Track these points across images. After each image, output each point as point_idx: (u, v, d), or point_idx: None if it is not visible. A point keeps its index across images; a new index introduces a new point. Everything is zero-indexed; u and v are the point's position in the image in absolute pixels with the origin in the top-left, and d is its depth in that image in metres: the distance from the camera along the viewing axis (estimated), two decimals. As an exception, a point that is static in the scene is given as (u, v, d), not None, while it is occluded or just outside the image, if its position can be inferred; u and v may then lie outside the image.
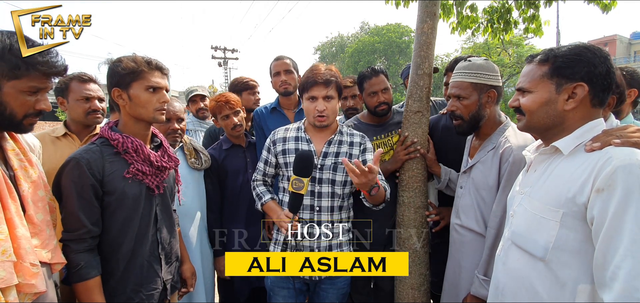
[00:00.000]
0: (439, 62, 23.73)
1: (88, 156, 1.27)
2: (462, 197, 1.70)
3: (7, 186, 0.99)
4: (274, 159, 1.76)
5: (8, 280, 0.92)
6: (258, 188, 1.81)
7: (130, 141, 1.34)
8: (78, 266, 1.23)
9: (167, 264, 1.49)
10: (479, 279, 1.52)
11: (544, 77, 1.05)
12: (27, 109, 1.04)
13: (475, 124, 1.63)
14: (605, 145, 0.94)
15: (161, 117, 1.39)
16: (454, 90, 1.64)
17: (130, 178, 1.33)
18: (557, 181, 1.01)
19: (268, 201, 1.74)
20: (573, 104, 1.01)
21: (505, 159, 1.51)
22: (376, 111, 2.06)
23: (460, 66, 1.66)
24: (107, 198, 1.30)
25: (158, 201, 1.45)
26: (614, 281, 0.84)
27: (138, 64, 1.33)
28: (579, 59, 1.01)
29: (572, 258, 0.96)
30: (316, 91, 1.64)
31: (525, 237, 1.07)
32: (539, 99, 1.06)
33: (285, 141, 1.73)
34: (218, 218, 2.10)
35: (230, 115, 2.10)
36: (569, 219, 0.95)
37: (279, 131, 1.78)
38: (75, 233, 1.25)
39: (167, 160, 1.47)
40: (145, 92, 1.33)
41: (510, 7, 3.22)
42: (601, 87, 1.00)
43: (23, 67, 0.99)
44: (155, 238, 1.43)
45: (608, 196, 0.86)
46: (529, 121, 1.11)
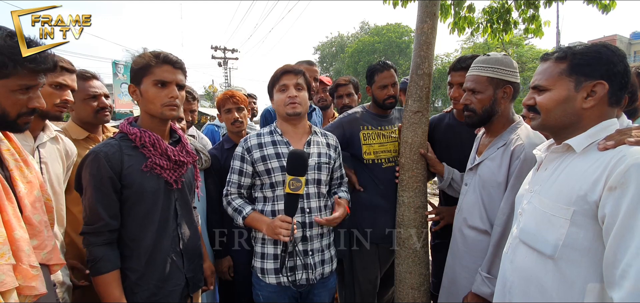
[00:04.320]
0: (439, 62, 23.77)
1: (107, 150, 1.28)
2: (466, 194, 1.68)
3: (3, 187, 0.97)
4: (251, 168, 1.67)
5: (8, 283, 0.91)
6: (234, 202, 1.68)
7: (148, 135, 1.34)
8: (96, 259, 1.24)
9: (189, 260, 1.48)
10: (482, 276, 1.49)
11: (562, 75, 1.04)
12: (20, 108, 1.02)
13: (487, 118, 1.59)
14: (619, 144, 0.93)
15: (170, 113, 1.36)
16: (469, 84, 1.61)
17: (148, 172, 1.33)
18: (568, 179, 1.00)
19: (250, 212, 1.63)
20: (592, 102, 1.00)
21: (517, 156, 1.48)
22: (384, 103, 2.14)
23: (478, 60, 1.62)
24: (125, 191, 1.30)
25: (177, 196, 1.44)
26: (624, 279, 0.83)
27: (146, 59, 1.32)
28: (599, 56, 1.00)
29: (581, 256, 0.95)
30: (286, 79, 1.66)
31: (535, 235, 1.06)
32: (557, 96, 1.04)
33: (262, 147, 1.66)
34: (219, 219, 2.10)
35: (233, 109, 2.13)
36: (579, 217, 0.95)
37: (251, 139, 1.70)
38: (94, 226, 1.26)
39: (185, 155, 1.46)
40: (154, 87, 1.32)
41: (510, 8, 3.23)
42: (619, 86, 0.99)
43: (10, 65, 0.96)
44: (176, 234, 1.42)
45: (621, 195, 0.85)
46: (545, 120, 1.08)
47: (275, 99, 1.70)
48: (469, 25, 3.32)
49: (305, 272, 1.62)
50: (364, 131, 2.13)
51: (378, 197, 2.10)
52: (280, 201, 1.62)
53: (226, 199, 1.72)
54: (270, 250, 1.64)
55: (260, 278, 1.65)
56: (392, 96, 2.13)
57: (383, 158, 2.13)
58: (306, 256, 1.63)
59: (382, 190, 2.10)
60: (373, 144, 2.14)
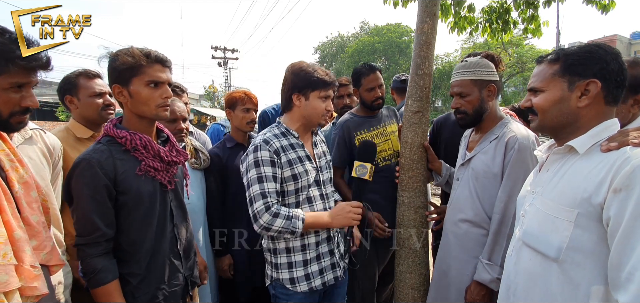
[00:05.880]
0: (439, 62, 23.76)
1: (98, 156, 1.22)
2: (458, 189, 1.74)
3: (1, 188, 0.96)
4: (280, 172, 1.52)
5: (11, 284, 0.90)
6: (283, 211, 1.47)
7: (138, 137, 1.29)
8: (95, 271, 1.20)
9: (186, 259, 1.48)
10: (483, 264, 1.54)
11: (556, 76, 1.05)
12: (12, 107, 1.00)
13: (478, 117, 1.68)
14: (623, 145, 0.92)
15: (164, 113, 1.33)
16: (456, 89, 1.70)
17: (143, 175, 1.30)
18: (571, 181, 1.00)
19: (305, 215, 1.51)
20: (586, 101, 1.01)
21: (511, 146, 1.55)
22: (373, 104, 2.20)
23: (458, 66, 1.73)
24: (121, 198, 1.26)
25: (172, 197, 1.42)
26: (629, 282, 0.83)
27: (136, 58, 1.25)
28: (590, 56, 1.01)
29: (586, 259, 0.95)
30: (330, 91, 1.60)
31: (538, 237, 1.06)
32: (552, 97, 1.06)
33: (285, 151, 1.54)
34: (220, 218, 2.11)
35: (251, 109, 2.17)
36: (583, 219, 0.94)
37: (273, 141, 1.53)
38: (90, 238, 1.21)
39: (176, 155, 1.43)
40: (146, 87, 1.27)
41: (509, 8, 3.23)
42: (615, 84, 0.99)
43: (1, 63, 0.94)
44: (173, 234, 1.41)
45: (626, 197, 0.85)
46: (542, 120, 1.10)
47: (312, 103, 1.56)
48: (468, 25, 3.33)
49: (333, 271, 1.63)
50: (359, 137, 2.17)
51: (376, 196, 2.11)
52: (305, 207, 1.58)
53: (270, 212, 1.45)
54: (299, 257, 1.57)
55: (288, 289, 1.56)
56: (380, 97, 2.19)
57: (379, 158, 2.15)
58: (332, 256, 1.63)
59: (379, 189, 2.11)
60: None
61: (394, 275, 2.09)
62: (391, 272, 2.16)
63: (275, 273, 1.60)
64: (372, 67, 2.21)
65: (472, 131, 1.80)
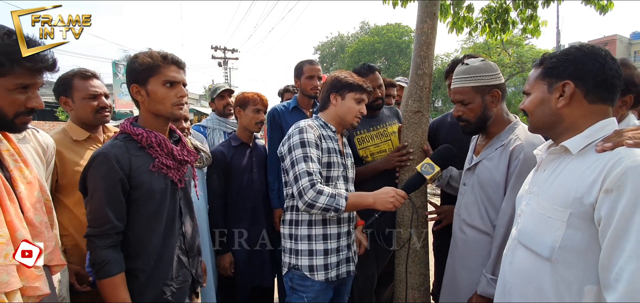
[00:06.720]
0: (439, 62, 23.76)
1: (115, 151, 1.27)
2: (465, 194, 1.68)
3: (5, 188, 0.96)
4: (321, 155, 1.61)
5: (12, 284, 0.91)
6: (326, 188, 1.53)
7: (154, 135, 1.35)
8: (103, 262, 1.23)
9: (192, 257, 1.50)
10: (487, 278, 1.49)
11: (538, 79, 1.10)
12: (18, 108, 1.00)
13: (482, 124, 1.61)
14: (617, 145, 0.92)
15: (179, 112, 1.38)
16: (457, 96, 1.63)
17: (156, 172, 1.34)
18: (565, 181, 1.01)
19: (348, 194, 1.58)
20: (563, 101, 1.03)
21: (516, 156, 1.48)
22: (373, 105, 2.18)
23: (458, 71, 1.64)
24: (134, 193, 1.30)
25: (181, 195, 1.46)
26: (618, 282, 0.83)
27: (154, 59, 1.32)
28: (565, 58, 1.04)
29: (578, 258, 0.95)
30: (364, 96, 1.73)
31: (532, 237, 1.07)
32: (535, 99, 1.11)
33: (324, 139, 1.67)
34: (222, 216, 2.12)
35: (261, 111, 2.22)
36: (575, 219, 0.95)
37: (315, 129, 1.64)
38: (101, 229, 1.24)
39: (187, 154, 1.48)
40: (163, 87, 1.33)
41: (508, 7, 3.23)
42: (593, 84, 1.00)
43: (7, 64, 0.94)
44: (181, 232, 1.44)
45: (617, 197, 0.85)
46: (531, 121, 1.15)
47: (348, 103, 1.70)
48: (467, 25, 3.33)
49: (347, 265, 1.71)
50: (358, 136, 2.18)
51: None
52: None
53: (315, 189, 1.50)
54: (320, 246, 1.63)
55: (307, 277, 1.62)
56: (380, 97, 2.19)
57: (379, 158, 2.15)
58: (349, 250, 1.72)
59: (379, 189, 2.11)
60: (368, 146, 2.19)
61: (394, 275, 2.09)
62: (391, 272, 2.16)
63: (294, 260, 1.65)
64: (371, 68, 2.21)
65: (479, 135, 1.74)
